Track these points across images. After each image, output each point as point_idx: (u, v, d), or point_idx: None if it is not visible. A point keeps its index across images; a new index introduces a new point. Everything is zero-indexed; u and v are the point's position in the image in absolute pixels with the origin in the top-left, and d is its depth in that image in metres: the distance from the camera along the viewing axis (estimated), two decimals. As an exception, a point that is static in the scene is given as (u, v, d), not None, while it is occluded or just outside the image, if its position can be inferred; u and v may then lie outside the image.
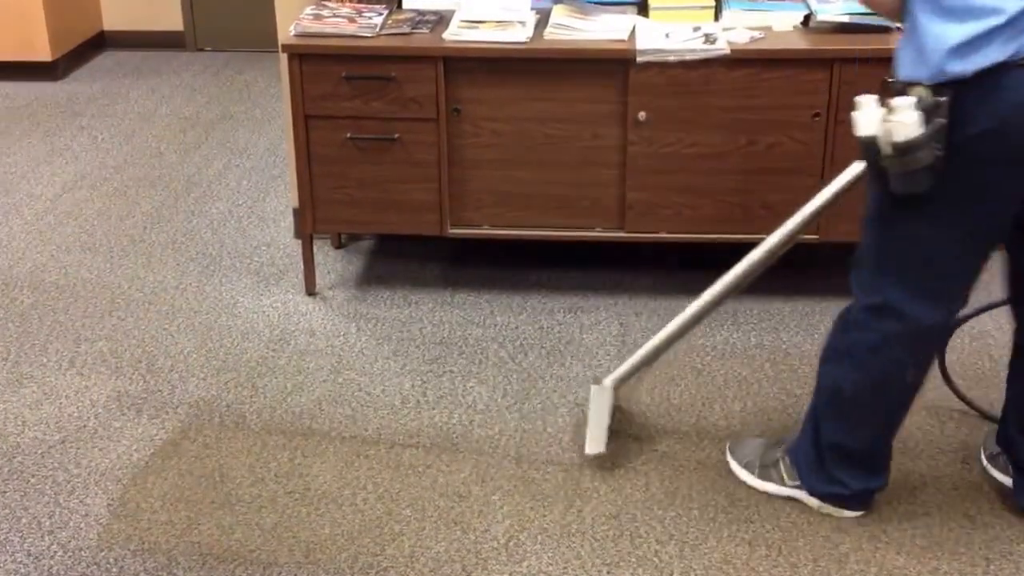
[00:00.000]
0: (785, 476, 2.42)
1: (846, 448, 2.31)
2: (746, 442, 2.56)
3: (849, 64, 2.86)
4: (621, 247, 3.33)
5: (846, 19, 2.93)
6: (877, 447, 2.33)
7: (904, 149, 1.89)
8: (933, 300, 2.10)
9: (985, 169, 1.94)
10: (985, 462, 2.50)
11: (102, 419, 2.76)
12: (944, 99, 1.87)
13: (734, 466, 2.52)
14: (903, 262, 2.09)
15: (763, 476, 2.45)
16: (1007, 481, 2.41)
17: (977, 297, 2.25)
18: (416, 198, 3.12)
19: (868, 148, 1.98)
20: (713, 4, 3.07)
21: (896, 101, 1.89)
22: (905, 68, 1.95)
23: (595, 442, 2.55)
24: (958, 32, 1.85)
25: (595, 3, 3.17)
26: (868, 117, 1.96)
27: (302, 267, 3.32)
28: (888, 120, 1.90)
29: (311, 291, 3.33)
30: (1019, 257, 2.17)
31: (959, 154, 1.91)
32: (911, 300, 2.09)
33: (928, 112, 1.88)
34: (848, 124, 2.83)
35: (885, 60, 2.77)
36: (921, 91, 1.89)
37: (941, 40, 1.86)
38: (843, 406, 2.29)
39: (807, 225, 2.40)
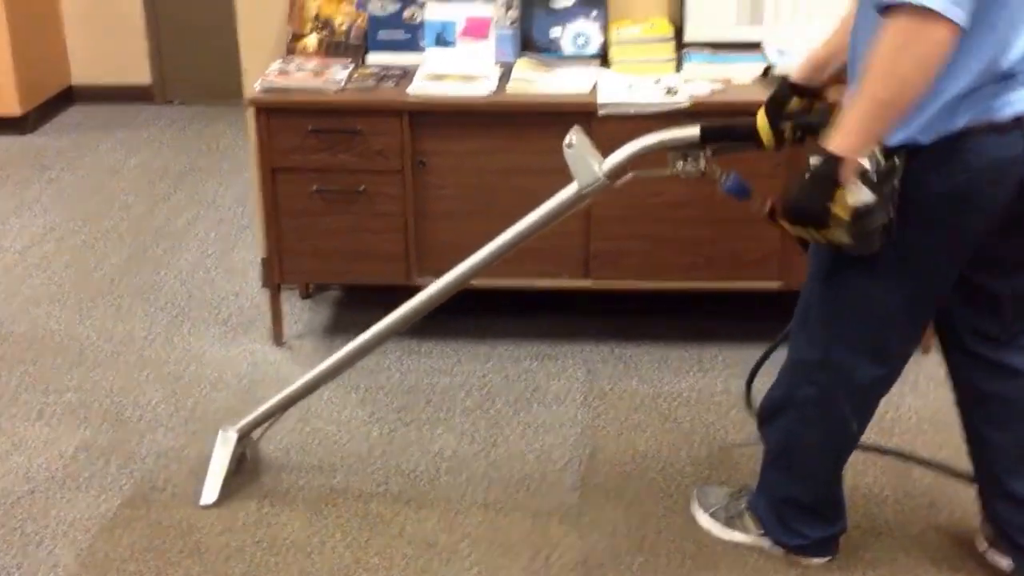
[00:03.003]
0: (750, 525, 2.45)
1: (799, 501, 2.33)
2: (711, 490, 2.58)
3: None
4: (587, 295, 3.37)
5: (802, 72, 3.01)
6: (829, 496, 2.34)
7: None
8: (878, 357, 2.12)
9: (935, 231, 1.95)
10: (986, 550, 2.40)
11: (70, 470, 2.75)
12: (899, 162, 1.86)
13: (700, 516, 2.53)
14: (849, 319, 2.09)
15: (729, 525, 2.47)
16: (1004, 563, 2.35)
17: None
18: (383, 248, 3.16)
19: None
20: (674, 57, 3.16)
21: (849, 170, 1.85)
22: None
23: (209, 492, 2.59)
24: (937, 97, 1.82)
25: (557, 57, 3.24)
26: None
27: (270, 317, 3.34)
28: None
29: (279, 341, 3.35)
30: (953, 305, 2.16)
31: (911, 216, 1.91)
32: (855, 356, 2.11)
33: (882, 175, 1.85)
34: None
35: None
36: (875, 153, 1.86)
37: (930, 97, 1.81)
38: (791, 461, 2.31)
39: (489, 264, 2.45)
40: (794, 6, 3.22)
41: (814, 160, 1.84)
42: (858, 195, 1.83)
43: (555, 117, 3.00)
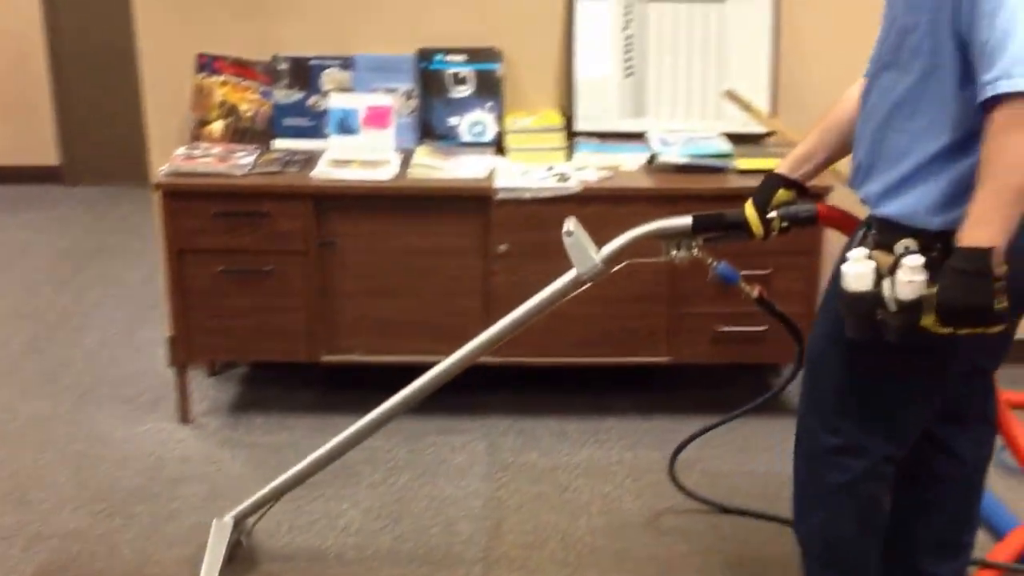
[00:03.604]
0: None
1: None
2: None
3: (690, 201, 3.11)
4: (488, 370, 3.48)
5: (685, 160, 3.19)
6: None
7: (910, 307, 1.80)
8: (896, 440, 2.11)
9: None
10: None
11: (-29, 553, 2.74)
12: (939, 251, 1.81)
13: None
14: (876, 407, 2.07)
15: None
16: None
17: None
18: (289, 327, 3.24)
19: (853, 302, 1.88)
20: (565, 146, 3.31)
21: (908, 260, 1.81)
22: (910, 213, 1.88)
23: None
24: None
25: (455, 144, 3.38)
26: (862, 272, 1.86)
27: (176, 395, 3.38)
28: (899, 278, 1.81)
29: (185, 419, 3.38)
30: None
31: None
32: (873, 438, 2.09)
33: (930, 267, 1.80)
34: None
35: (721, 198, 3.07)
36: (913, 242, 1.84)
37: (969, 188, 1.78)
38: (838, 555, 2.20)
39: (493, 346, 2.48)
40: (674, 100, 3.42)
41: (956, 261, 1.77)
42: (916, 289, 1.79)
43: (454, 201, 3.15)
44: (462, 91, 3.39)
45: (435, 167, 3.20)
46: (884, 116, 1.95)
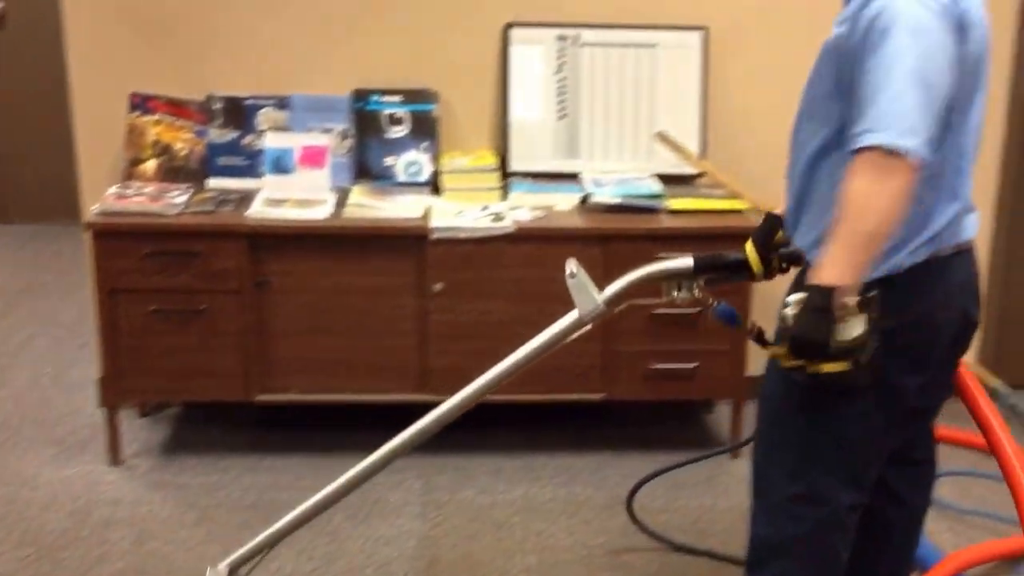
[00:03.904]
0: None
1: None
2: None
3: (622, 240, 3.17)
4: (424, 408, 3.48)
5: (617, 201, 3.24)
6: None
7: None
8: (858, 484, 2.09)
9: (902, 358, 1.97)
10: None
11: None
12: (876, 293, 1.85)
13: None
14: (831, 449, 2.04)
15: None
16: None
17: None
18: (223, 366, 3.22)
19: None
20: (499, 186, 3.35)
21: (844, 300, 1.83)
22: None
23: None
24: (917, 230, 1.89)
25: (391, 184, 3.40)
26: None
27: (106, 436, 3.33)
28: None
29: (115, 460, 3.34)
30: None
31: (888, 343, 1.89)
32: (837, 486, 2.06)
33: (865, 308, 1.84)
34: (624, 294, 3.16)
35: (652, 238, 3.14)
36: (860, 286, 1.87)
37: (899, 236, 1.86)
38: None
39: (497, 385, 2.47)
40: (606, 142, 3.48)
41: (799, 296, 1.84)
42: (854, 327, 1.83)
43: (389, 240, 3.17)
44: (398, 131, 3.42)
45: (371, 206, 3.22)
46: (805, 167, 2.01)
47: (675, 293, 2.25)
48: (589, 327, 2.29)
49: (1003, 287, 3.78)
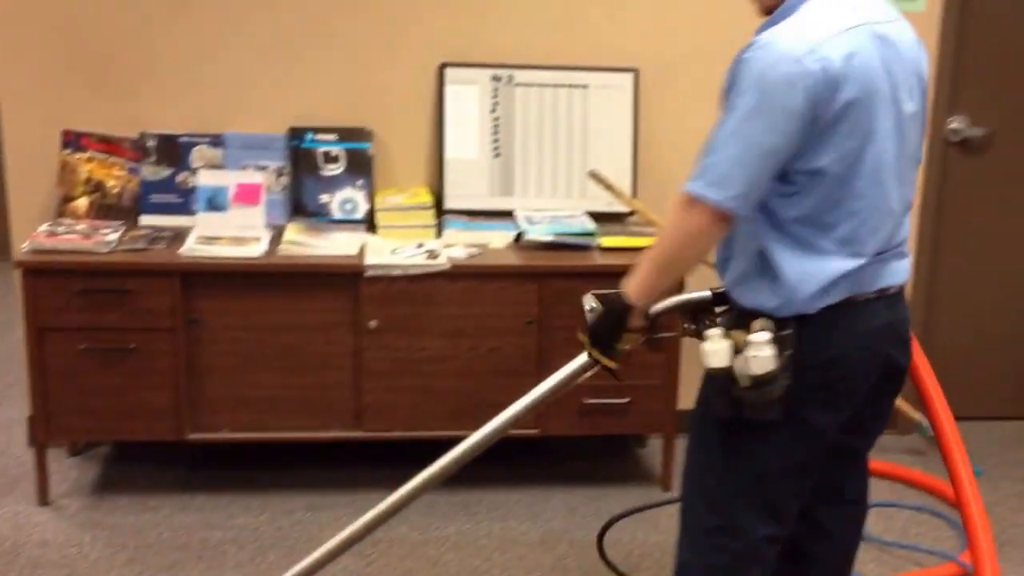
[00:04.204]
0: None
1: None
2: None
3: (556, 277, 3.21)
4: (358, 444, 3.48)
5: (551, 238, 3.29)
6: None
7: (761, 381, 1.92)
8: (775, 517, 2.12)
9: (820, 396, 2.01)
10: None
11: None
12: (790, 331, 1.94)
13: None
14: (748, 482, 2.08)
15: None
16: None
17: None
18: (154, 405, 3.19)
19: (716, 380, 2.00)
20: (434, 223, 3.38)
21: (753, 336, 1.93)
22: (754, 298, 1.99)
23: None
24: (820, 274, 1.94)
25: (326, 221, 3.42)
26: (718, 349, 1.97)
27: (35, 476, 3.28)
28: (747, 354, 1.93)
29: (44, 501, 3.28)
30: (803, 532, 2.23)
31: (800, 382, 1.96)
32: (755, 519, 2.10)
33: (779, 344, 1.93)
34: (559, 329, 3.21)
35: (585, 275, 3.18)
36: (767, 323, 1.95)
37: (803, 279, 1.94)
38: None
39: (518, 421, 2.46)
40: (540, 180, 3.54)
41: (595, 301, 2.09)
42: (764, 364, 1.91)
43: (324, 278, 3.17)
44: (333, 169, 3.44)
45: (305, 244, 3.23)
46: None
47: (686, 325, 2.21)
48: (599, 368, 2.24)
49: (924, 326, 3.89)
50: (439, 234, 3.37)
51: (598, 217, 3.46)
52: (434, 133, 3.53)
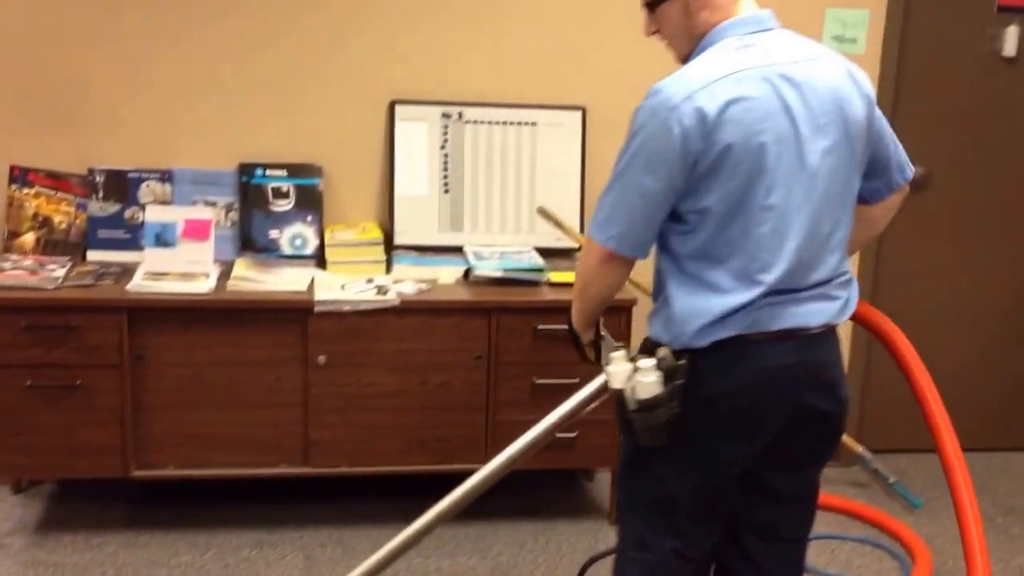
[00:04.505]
0: None
1: None
2: None
3: (505, 312, 3.24)
4: (305, 481, 3.47)
5: (500, 274, 3.32)
6: None
7: (646, 406, 1.99)
8: (680, 536, 2.15)
9: (714, 426, 2.04)
10: None
11: None
12: (683, 362, 1.99)
13: None
14: (655, 501, 2.15)
15: None
16: None
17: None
18: (99, 442, 3.16)
19: (617, 401, 2.06)
20: (384, 259, 3.39)
21: (641, 362, 2.00)
22: (654, 330, 2.08)
23: None
24: (706, 310, 1.98)
25: (276, 257, 3.43)
26: (618, 371, 2.04)
27: (-23, 516, 3.24)
28: (633, 378, 2.01)
29: (-14, 540, 3.25)
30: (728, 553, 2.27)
31: (694, 412, 2.01)
32: (661, 535, 2.15)
33: (669, 373, 1.99)
34: (508, 364, 3.24)
35: (534, 310, 3.22)
36: (665, 352, 2.01)
37: (690, 313, 2.00)
38: None
39: (542, 445, 2.42)
40: (489, 216, 3.57)
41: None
42: (648, 389, 1.99)
43: (273, 313, 3.17)
44: (283, 205, 3.45)
45: (254, 280, 3.23)
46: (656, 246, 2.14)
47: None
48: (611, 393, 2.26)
49: (865, 363, 3.97)
50: (389, 270, 3.38)
51: (547, 253, 3.50)
52: (384, 169, 3.56)
